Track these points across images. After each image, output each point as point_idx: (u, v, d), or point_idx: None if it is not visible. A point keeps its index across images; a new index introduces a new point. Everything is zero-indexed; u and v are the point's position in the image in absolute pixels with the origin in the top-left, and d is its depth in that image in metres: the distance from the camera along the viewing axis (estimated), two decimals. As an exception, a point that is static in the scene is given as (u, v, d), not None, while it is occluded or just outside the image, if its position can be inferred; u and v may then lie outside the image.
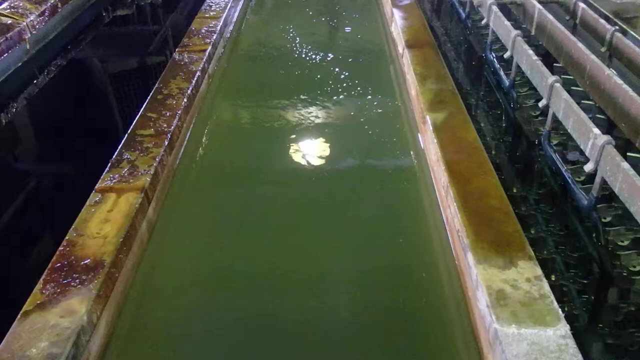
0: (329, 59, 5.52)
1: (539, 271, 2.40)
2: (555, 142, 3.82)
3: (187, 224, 3.37)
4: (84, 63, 6.07)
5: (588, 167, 3.00)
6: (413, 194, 3.55)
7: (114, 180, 3.18)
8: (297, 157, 3.99)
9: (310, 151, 4.04)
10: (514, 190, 3.76)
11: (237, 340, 2.60)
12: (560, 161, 3.56)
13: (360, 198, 3.56)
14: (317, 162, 3.93)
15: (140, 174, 3.24)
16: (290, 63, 5.46)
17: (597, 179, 3.01)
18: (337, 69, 5.22)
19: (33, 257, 3.33)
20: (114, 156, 3.40)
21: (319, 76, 5.08)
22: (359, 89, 4.83)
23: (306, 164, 3.91)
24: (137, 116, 3.82)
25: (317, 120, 4.41)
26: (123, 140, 3.56)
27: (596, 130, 2.97)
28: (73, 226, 2.86)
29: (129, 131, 3.65)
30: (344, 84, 4.91)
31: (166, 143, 3.53)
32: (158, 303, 2.84)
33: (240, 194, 3.62)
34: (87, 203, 3.02)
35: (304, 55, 5.60)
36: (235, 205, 3.51)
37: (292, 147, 4.09)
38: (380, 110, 4.54)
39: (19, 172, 4.31)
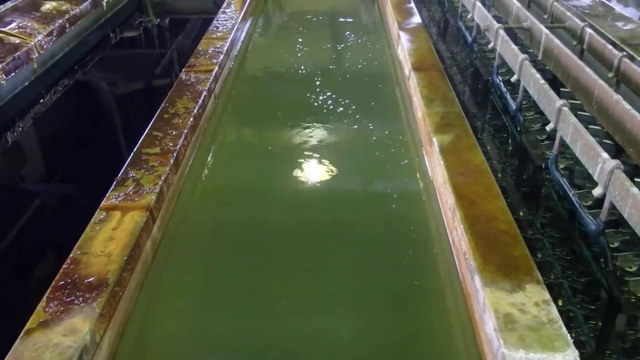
0: (335, 80, 5.56)
1: (547, 295, 2.36)
2: (562, 166, 3.82)
3: (191, 245, 3.35)
4: (91, 84, 6.14)
5: (596, 192, 2.98)
6: (419, 216, 3.53)
7: (119, 199, 3.19)
8: (302, 179, 3.99)
9: (316, 173, 4.04)
10: (520, 214, 3.74)
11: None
12: (568, 185, 3.55)
13: (365, 220, 3.54)
14: (322, 184, 3.92)
15: (145, 192, 3.24)
16: (297, 84, 5.50)
17: (606, 204, 2.99)
18: (343, 91, 5.25)
19: (35, 277, 3.32)
20: (119, 174, 3.41)
21: (325, 97, 5.11)
22: (364, 110, 4.85)
23: (311, 186, 3.91)
24: (143, 135, 3.84)
25: (323, 142, 4.41)
26: (129, 159, 3.57)
27: (605, 155, 2.96)
28: (77, 244, 2.85)
29: (134, 150, 3.66)
30: (350, 106, 4.93)
31: (172, 162, 3.54)
32: (161, 325, 2.81)
33: (244, 216, 3.60)
34: (92, 221, 3.02)
35: (310, 77, 5.64)
36: (240, 228, 3.48)
37: (297, 169, 4.09)
38: (386, 132, 4.55)
39: (24, 191, 4.32)
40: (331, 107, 4.93)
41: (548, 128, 3.71)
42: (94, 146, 4.75)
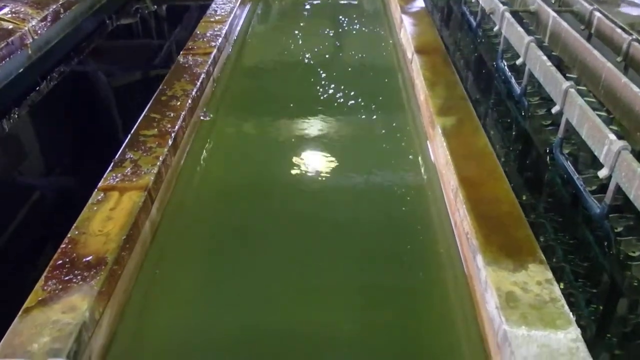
0: (336, 64, 5.51)
1: (549, 275, 2.34)
2: (566, 151, 3.77)
3: (190, 228, 3.32)
4: (88, 75, 6.07)
5: (602, 173, 2.94)
6: (420, 199, 3.50)
7: (117, 179, 3.16)
8: (303, 162, 3.95)
9: (316, 157, 4.00)
10: (523, 198, 3.69)
11: (242, 352, 2.54)
12: (572, 169, 3.51)
13: (365, 202, 3.51)
14: (322, 166, 3.88)
15: (143, 173, 3.21)
16: (297, 69, 5.45)
17: (611, 186, 2.95)
18: (344, 75, 5.20)
19: (32, 259, 3.28)
20: (117, 156, 3.38)
21: (326, 81, 5.06)
22: (365, 94, 4.80)
23: (312, 170, 3.86)
24: (141, 117, 3.80)
25: (323, 125, 4.37)
26: (126, 140, 3.54)
27: (612, 136, 2.92)
28: (75, 224, 2.82)
29: (132, 131, 3.63)
30: (351, 90, 4.88)
31: (170, 143, 3.51)
32: (161, 306, 2.79)
33: (245, 201, 3.56)
34: (90, 201, 2.99)
35: (311, 60, 5.59)
36: (241, 213, 3.44)
37: (298, 152, 4.05)
38: (387, 116, 4.51)
39: (20, 178, 4.28)
40: (332, 92, 4.89)
41: (554, 111, 3.66)
42: (89, 134, 4.68)
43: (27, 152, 4.59)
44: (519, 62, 4.44)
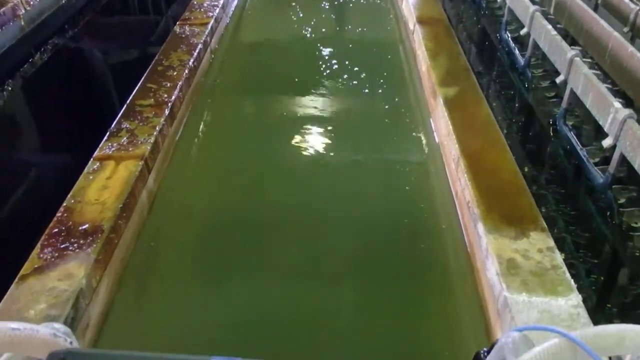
0: (336, 37, 5.42)
1: (551, 243, 2.31)
2: (570, 123, 3.71)
3: (189, 200, 3.28)
4: (82, 48, 5.94)
5: (606, 143, 2.89)
6: (421, 169, 3.46)
7: (113, 149, 3.11)
8: (303, 134, 3.90)
9: (317, 128, 3.94)
10: (525, 170, 3.65)
11: (242, 316, 2.52)
12: (576, 139, 3.46)
13: (367, 173, 3.47)
14: (324, 137, 3.83)
15: (140, 142, 3.17)
16: (297, 40, 5.37)
17: (616, 155, 2.91)
18: (345, 47, 5.11)
19: (28, 230, 3.23)
20: (112, 125, 3.32)
21: (326, 54, 4.98)
22: (366, 66, 4.73)
23: (313, 140, 3.81)
24: (137, 87, 3.74)
25: (324, 99, 4.31)
26: (122, 110, 3.48)
27: (617, 104, 2.86)
28: (70, 193, 2.79)
29: (128, 101, 3.57)
30: (352, 61, 4.80)
31: (167, 113, 3.45)
32: (159, 276, 2.76)
33: (245, 175, 3.51)
34: (85, 171, 2.95)
35: (311, 32, 5.50)
36: (240, 188, 3.39)
37: (298, 124, 4.00)
38: (389, 89, 4.44)
39: (14, 156, 4.21)
40: (332, 64, 4.81)
41: (558, 80, 3.60)
42: (83, 107, 4.59)
43: (20, 123, 4.54)
44: (523, 32, 4.35)
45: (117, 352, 0.75)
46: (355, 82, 4.55)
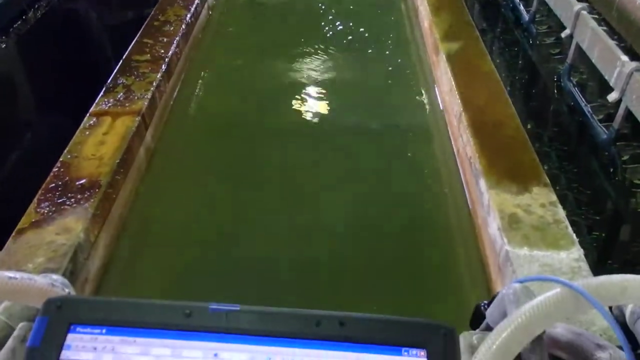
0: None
1: (553, 197, 2.28)
2: (574, 80, 3.64)
3: (186, 157, 3.24)
4: (78, 10, 5.76)
5: (612, 97, 2.84)
6: (422, 126, 3.41)
7: (109, 104, 3.06)
8: (302, 90, 3.83)
9: (315, 88, 3.87)
10: (528, 127, 3.59)
11: (239, 270, 2.51)
12: (580, 95, 3.40)
13: (367, 131, 3.42)
14: (323, 98, 3.76)
15: (136, 98, 3.11)
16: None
17: (621, 110, 2.86)
18: (346, 6, 4.98)
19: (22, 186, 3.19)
20: (108, 81, 3.26)
21: (327, 13, 4.86)
22: (368, 25, 4.62)
23: (312, 99, 3.75)
24: (133, 42, 3.65)
25: (325, 58, 4.21)
26: (118, 66, 3.40)
27: (624, 57, 2.80)
28: (67, 148, 2.75)
29: (124, 56, 3.48)
30: (354, 21, 4.69)
31: (164, 68, 3.38)
32: (157, 232, 2.74)
33: (243, 133, 3.44)
34: (82, 126, 2.90)
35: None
36: (238, 145, 3.33)
37: (298, 83, 3.93)
38: (390, 46, 4.35)
39: (9, 114, 4.12)
40: (333, 23, 4.69)
41: (564, 35, 3.51)
42: (77, 66, 4.48)
43: (13, 80, 4.43)
44: (528, -14, 4.23)
45: (115, 299, 0.73)
46: (357, 42, 4.45)
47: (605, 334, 1.51)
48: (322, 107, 3.69)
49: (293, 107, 3.68)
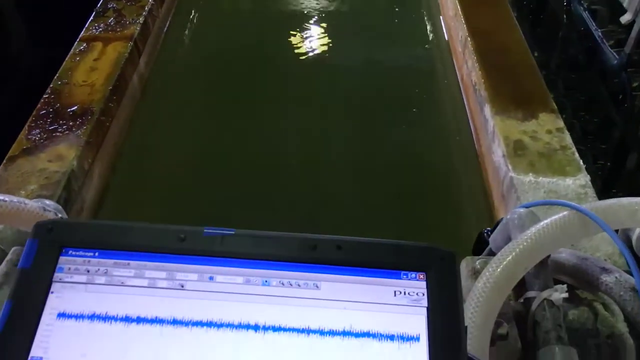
0: None
1: (561, 124, 2.22)
2: (585, 3, 3.48)
3: (182, 85, 3.13)
4: None
5: (625, 19, 2.72)
6: (425, 54, 3.29)
7: (100, 29, 2.92)
8: (303, 20, 3.66)
9: (317, 17, 3.69)
10: (535, 54, 3.47)
11: (234, 191, 2.49)
12: (591, 19, 3.25)
13: (367, 59, 3.30)
14: (326, 28, 3.59)
15: (128, 23, 2.97)
16: None
17: (633, 33, 2.74)
18: None
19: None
20: (98, 5, 3.10)
21: None
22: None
23: (313, 28, 3.59)
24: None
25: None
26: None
27: (638, -24, 2.65)
28: (57, 75, 2.65)
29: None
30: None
31: (156, -9, 3.22)
32: (154, 162, 2.69)
33: (240, 65, 3.30)
34: (72, 52, 2.79)
35: None
36: (235, 77, 3.19)
37: (299, 9, 3.75)
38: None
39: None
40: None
41: (575, -46, 3.32)
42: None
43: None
44: None
45: (107, 222, 0.69)
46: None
47: (610, 259, 1.49)
48: (325, 35, 3.54)
49: (291, 34, 3.54)
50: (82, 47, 2.81)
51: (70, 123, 2.37)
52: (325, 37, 3.53)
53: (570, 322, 1.16)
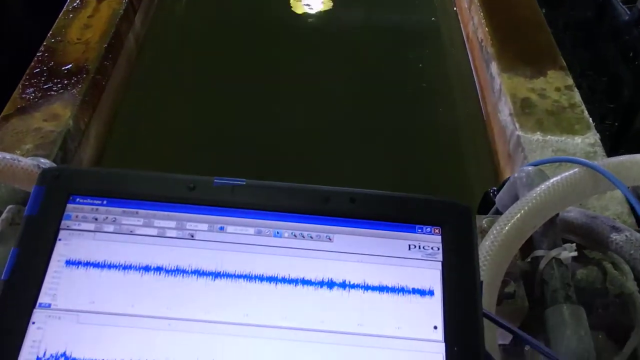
0: None
1: (570, 81, 2.15)
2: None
3: (180, 46, 3.05)
4: None
5: (638, -28, 2.61)
6: (427, 12, 3.19)
7: (93, -16, 2.82)
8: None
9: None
10: (543, 12, 3.37)
11: (231, 147, 2.46)
12: (602, -26, 3.14)
13: (366, 18, 3.21)
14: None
15: (122, -22, 2.86)
16: None
17: (646, -12, 2.64)
18: None
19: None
20: (90, -41, 2.99)
21: None
22: None
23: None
24: None
25: None
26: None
27: None
28: (50, 32, 2.56)
29: None
30: None
31: (152, -56, 3.10)
32: (152, 124, 2.64)
33: (238, 28, 3.18)
34: (64, 9, 2.70)
35: None
36: (236, 40, 3.10)
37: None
38: None
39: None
40: None
41: None
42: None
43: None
44: None
45: (115, 170, 0.71)
46: None
47: (619, 218, 1.46)
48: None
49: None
50: (75, 4, 2.72)
51: (65, 81, 2.31)
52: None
53: (578, 281, 1.14)
